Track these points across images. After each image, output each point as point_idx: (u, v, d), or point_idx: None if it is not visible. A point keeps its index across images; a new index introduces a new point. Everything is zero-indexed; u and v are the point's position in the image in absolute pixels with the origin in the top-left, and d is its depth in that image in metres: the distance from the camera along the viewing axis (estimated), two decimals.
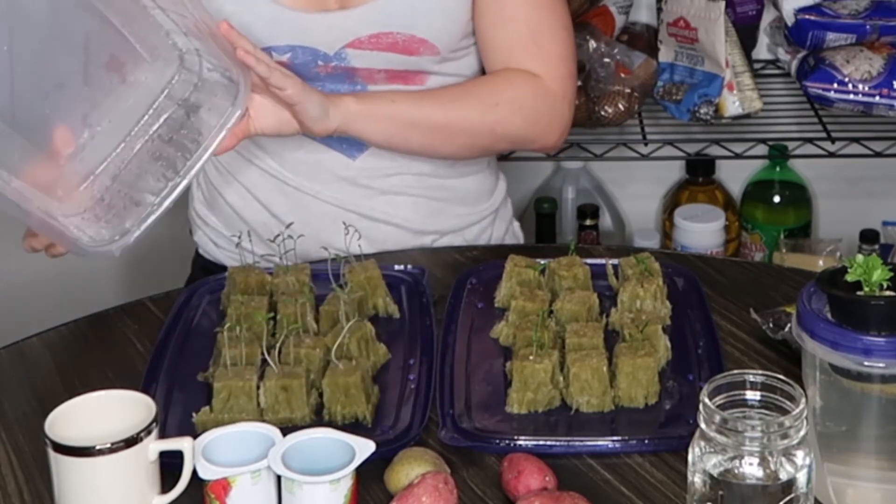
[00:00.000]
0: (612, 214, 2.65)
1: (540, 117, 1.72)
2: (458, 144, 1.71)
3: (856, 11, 2.29)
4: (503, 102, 1.69)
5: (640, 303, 1.51)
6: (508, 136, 1.72)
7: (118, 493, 1.22)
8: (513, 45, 1.70)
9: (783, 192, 2.58)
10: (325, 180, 1.74)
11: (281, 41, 1.65)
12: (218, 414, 1.35)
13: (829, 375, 1.19)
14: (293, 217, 1.72)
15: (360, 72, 1.68)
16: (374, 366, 1.44)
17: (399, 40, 1.66)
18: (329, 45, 1.66)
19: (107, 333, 1.57)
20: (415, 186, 1.77)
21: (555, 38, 1.72)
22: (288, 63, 1.65)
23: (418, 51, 1.68)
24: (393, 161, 1.74)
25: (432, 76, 1.72)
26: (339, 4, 1.66)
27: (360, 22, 1.65)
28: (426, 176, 1.77)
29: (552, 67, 1.71)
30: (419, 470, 1.24)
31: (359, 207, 1.75)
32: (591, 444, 1.33)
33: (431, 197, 1.78)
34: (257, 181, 1.77)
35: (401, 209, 1.77)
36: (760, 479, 1.10)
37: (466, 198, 1.82)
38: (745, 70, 2.29)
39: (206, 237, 1.87)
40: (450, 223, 1.81)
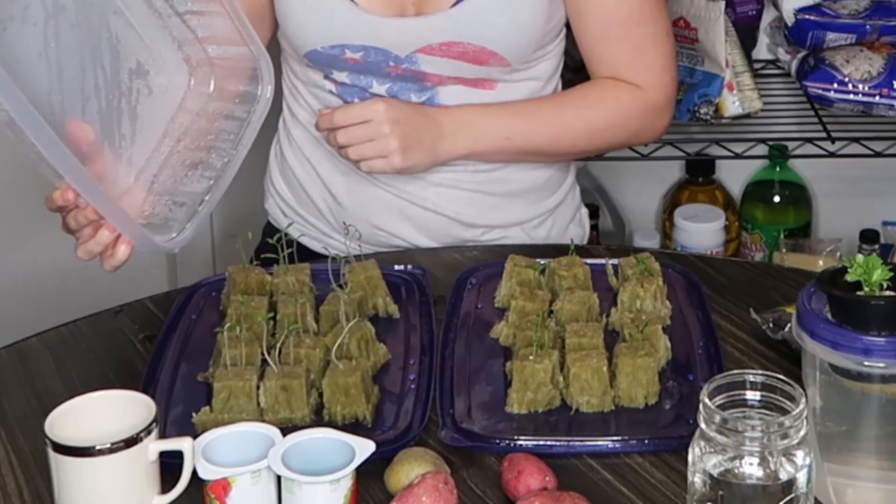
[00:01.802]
0: (612, 214, 2.65)
1: (642, 130, 1.81)
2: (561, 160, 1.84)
3: (856, 11, 2.29)
4: (611, 127, 1.77)
5: (640, 303, 1.51)
6: (611, 149, 1.90)
7: (118, 493, 1.22)
8: (618, 61, 1.76)
9: (783, 192, 2.58)
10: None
11: (355, 40, 1.69)
12: (218, 414, 1.35)
13: (829, 375, 1.19)
14: (349, 198, 1.79)
15: (429, 76, 1.70)
16: (374, 366, 1.44)
17: (469, 50, 1.68)
18: (400, 49, 1.69)
19: (107, 333, 1.57)
20: (468, 181, 1.78)
21: (658, 49, 1.76)
22: (360, 61, 1.69)
23: (488, 62, 1.70)
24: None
25: (502, 83, 1.74)
26: (415, 10, 1.68)
27: (432, 29, 1.68)
28: (483, 173, 1.79)
29: (656, 78, 1.77)
30: (419, 470, 1.24)
31: (411, 196, 1.77)
32: (591, 444, 1.33)
33: (486, 192, 1.79)
34: (322, 159, 1.81)
35: (452, 202, 1.78)
36: (760, 479, 1.10)
37: (528, 192, 1.83)
38: (745, 70, 2.29)
39: (276, 206, 1.91)
40: (506, 218, 1.82)
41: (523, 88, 1.76)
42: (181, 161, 1.51)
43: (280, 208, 1.90)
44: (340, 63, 1.71)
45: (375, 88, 1.72)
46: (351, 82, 1.73)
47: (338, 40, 1.69)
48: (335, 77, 1.74)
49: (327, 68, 1.74)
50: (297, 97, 1.83)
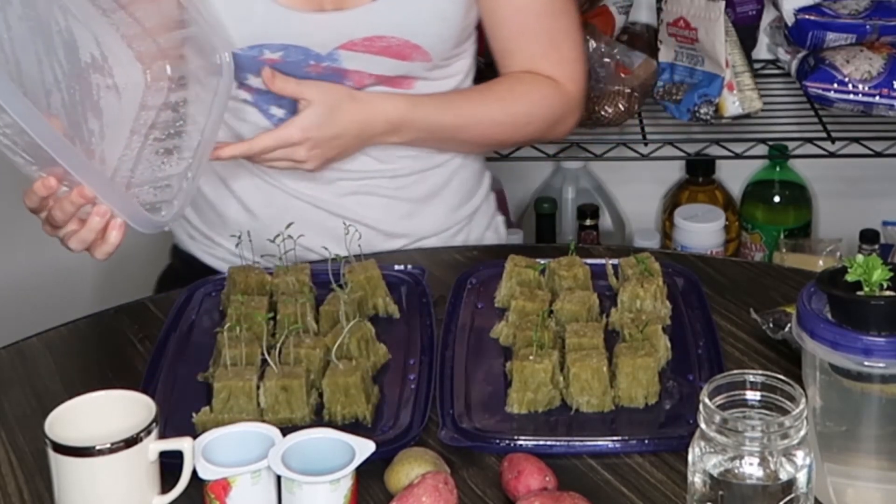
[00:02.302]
0: (612, 214, 2.65)
1: (558, 125, 1.79)
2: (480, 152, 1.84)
3: (856, 11, 2.29)
4: (535, 121, 1.77)
5: (640, 303, 1.51)
6: (531, 141, 1.88)
7: (118, 493, 1.22)
8: (535, 54, 1.75)
9: (783, 192, 2.58)
10: (298, 176, 1.73)
11: (274, 39, 1.64)
12: (218, 414, 1.35)
13: (829, 375, 1.19)
14: (265, 212, 1.75)
15: (350, 74, 1.67)
16: (374, 366, 1.44)
17: (393, 45, 1.66)
18: (322, 46, 1.65)
19: (107, 333, 1.57)
20: (385, 188, 1.76)
21: (572, 42, 1.77)
22: (279, 61, 1.65)
23: (410, 56, 1.68)
24: (368, 164, 1.74)
25: (420, 81, 1.72)
26: (334, 5, 1.66)
27: (354, 24, 1.65)
28: (400, 178, 1.77)
29: (571, 70, 1.77)
30: (419, 470, 1.24)
31: (329, 206, 1.74)
32: (591, 444, 1.33)
33: (403, 198, 1.77)
34: (237, 174, 1.76)
35: (370, 210, 1.76)
36: (760, 479, 1.10)
37: (444, 198, 1.81)
38: (745, 70, 2.29)
39: (181, 228, 1.85)
40: (424, 227, 1.79)
41: (440, 86, 1.74)
42: (154, 151, 1.50)
43: (186, 231, 1.85)
44: (257, 66, 1.65)
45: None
46: (266, 88, 1.66)
47: (256, 40, 1.63)
48: (250, 83, 1.68)
49: (243, 73, 1.66)
50: None
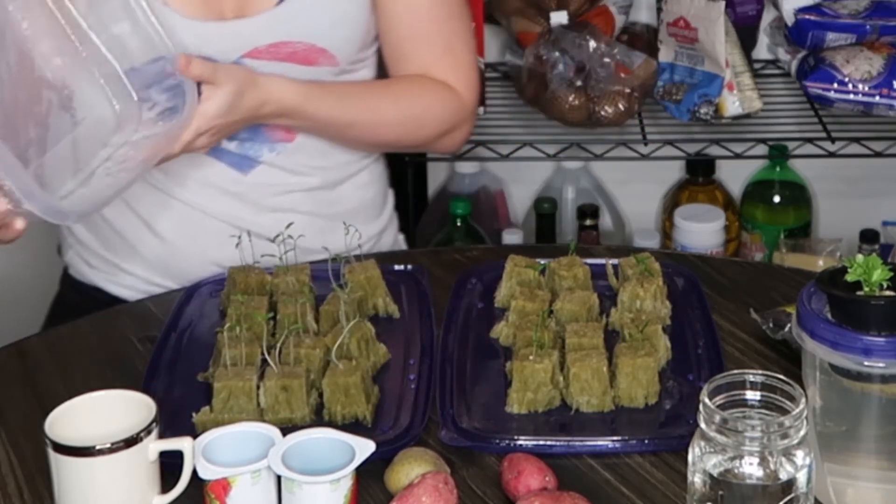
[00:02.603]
0: (612, 214, 2.65)
1: (453, 130, 1.76)
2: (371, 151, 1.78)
3: (856, 11, 2.29)
4: (428, 125, 1.73)
5: (640, 303, 1.50)
6: (422, 147, 1.80)
7: (118, 493, 1.22)
8: (429, 57, 1.72)
9: (783, 192, 2.58)
10: (213, 195, 1.69)
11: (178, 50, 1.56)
12: (218, 414, 1.35)
13: (829, 375, 1.19)
14: (177, 234, 1.69)
15: None
16: (374, 366, 1.44)
17: (299, 50, 1.63)
18: (226, 55, 1.61)
19: (107, 333, 1.57)
20: (305, 203, 1.73)
21: (466, 47, 1.74)
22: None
23: (317, 61, 1.65)
24: (286, 177, 1.71)
25: None
26: (235, 13, 1.62)
27: (259, 31, 1.62)
28: (317, 190, 1.74)
29: (465, 77, 1.74)
30: (419, 470, 1.24)
31: (247, 224, 1.68)
32: (591, 444, 1.33)
33: (319, 214, 1.74)
34: (140, 194, 1.69)
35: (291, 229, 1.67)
36: (760, 479, 1.10)
37: (358, 213, 1.77)
38: (745, 70, 2.29)
39: (79, 256, 1.78)
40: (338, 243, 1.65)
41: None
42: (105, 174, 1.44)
43: (83, 259, 1.78)
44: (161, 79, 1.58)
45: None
46: (171, 103, 1.59)
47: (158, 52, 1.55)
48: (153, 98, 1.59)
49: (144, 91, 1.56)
50: None
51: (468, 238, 2.44)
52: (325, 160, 1.74)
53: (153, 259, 1.72)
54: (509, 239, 2.52)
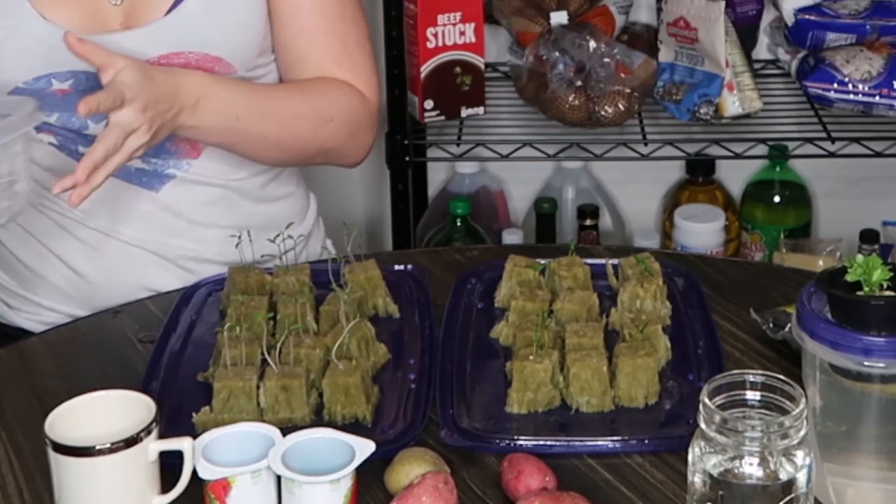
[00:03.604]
0: (612, 214, 2.65)
1: (359, 131, 1.70)
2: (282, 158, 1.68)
3: (856, 11, 2.29)
4: (336, 119, 1.66)
5: (640, 303, 1.50)
6: (331, 151, 1.69)
7: (118, 493, 1.22)
8: (326, 59, 1.67)
9: (783, 192, 2.58)
10: (126, 218, 1.63)
11: (60, 67, 1.53)
12: (218, 414, 1.35)
13: (829, 375, 1.19)
14: (92, 265, 1.63)
15: None
16: (374, 366, 1.44)
17: (192, 60, 1.58)
18: None
19: (107, 333, 1.57)
20: (224, 216, 1.68)
21: (364, 49, 1.70)
22: (70, 91, 1.55)
23: (213, 70, 1.59)
24: (199, 190, 1.65)
25: None
26: (122, 24, 1.57)
27: (148, 42, 1.56)
28: (235, 205, 1.68)
29: (366, 79, 1.69)
30: (419, 470, 1.24)
31: (166, 248, 1.64)
32: (591, 444, 1.33)
33: (242, 226, 1.64)
34: (50, 230, 1.63)
35: (212, 244, 1.67)
36: (760, 479, 1.10)
37: (279, 223, 1.66)
38: (745, 70, 2.29)
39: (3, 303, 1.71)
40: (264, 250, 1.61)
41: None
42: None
43: (3, 301, 1.70)
44: (48, 99, 1.53)
45: (92, 129, 1.56)
46: (62, 124, 1.57)
47: (42, 69, 1.52)
48: (48, 121, 1.56)
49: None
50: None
51: (468, 238, 2.44)
52: (236, 172, 1.68)
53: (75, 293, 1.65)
54: (509, 239, 2.52)
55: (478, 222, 2.49)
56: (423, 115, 2.31)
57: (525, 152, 2.29)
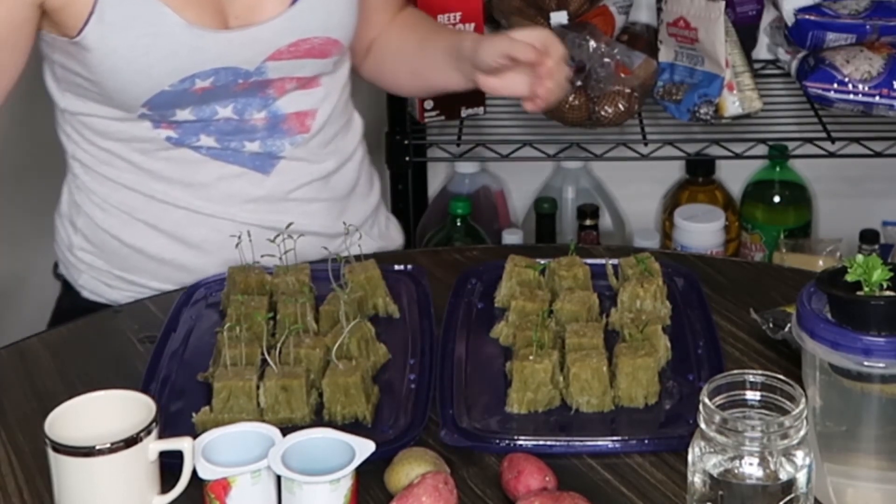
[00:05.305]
0: (612, 214, 2.65)
1: None
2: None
3: (856, 11, 2.28)
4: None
5: (640, 303, 1.51)
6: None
7: (118, 493, 1.22)
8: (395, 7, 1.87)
9: (783, 192, 2.58)
10: (240, 202, 1.71)
11: (205, 66, 1.60)
12: (218, 414, 1.35)
13: (829, 375, 1.19)
14: (208, 243, 1.70)
15: (273, 83, 1.67)
16: (374, 366, 1.44)
17: (316, 45, 1.67)
18: (251, 62, 1.63)
19: (107, 333, 1.57)
20: (323, 189, 1.76)
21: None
22: (210, 87, 1.62)
23: (330, 52, 1.69)
24: (303, 168, 1.73)
25: (326, 76, 1.73)
26: (241, 21, 1.63)
27: (280, 32, 1.64)
28: (329, 175, 1.77)
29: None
30: (419, 470, 1.24)
31: (277, 223, 1.67)
32: (591, 444, 1.33)
33: (336, 198, 1.78)
34: (162, 215, 1.70)
35: (315, 217, 1.75)
36: (760, 479, 1.10)
37: (360, 192, 1.83)
38: (745, 70, 2.29)
39: (96, 280, 1.76)
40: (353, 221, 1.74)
41: (340, 77, 1.77)
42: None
43: (102, 280, 1.76)
44: (188, 98, 1.62)
45: (221, 113, 1.66)
46: (195, 117, 1.65)
47: (188, 71, 1.59)
48: (175, 118, 1.64)
49: (169, 110, 1.63)
50: (112, 163, 1.69)
51: (468, 238, 2.44)
52: (335, 144, 1.77)
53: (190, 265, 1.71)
54: (509, 239, 2.52)
55: (478, 222, 2.49)
56: (423, 115, 2.30)
57: (525, 152, 2.29)
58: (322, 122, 1.74)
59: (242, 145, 1.69)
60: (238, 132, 1.68)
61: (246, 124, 1.68)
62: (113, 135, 1.67)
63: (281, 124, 1.70)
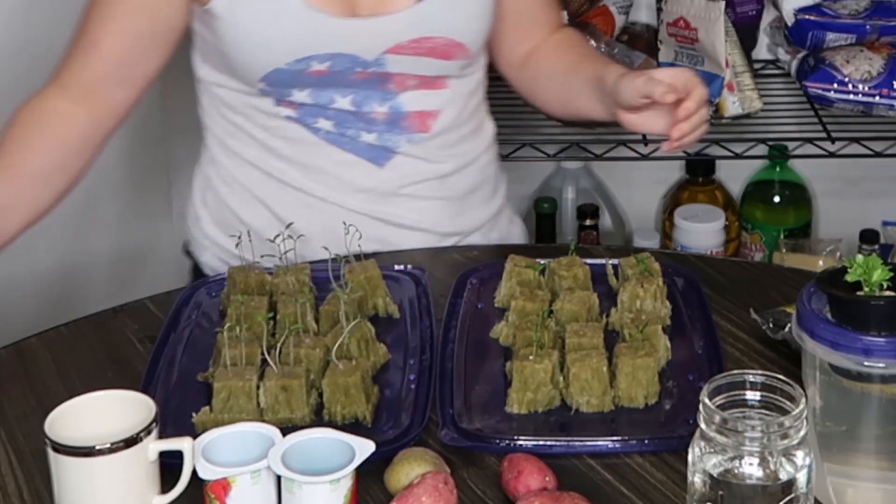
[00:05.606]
0: (612, 214, 2.65)
1: None
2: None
3: (856, 11, 2.29)
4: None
5: (640, 303, 1.51)
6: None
7: (118, 493, 1.22)
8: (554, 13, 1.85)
9: (783, 192, 2.58)
10: (350, 190, 1.73)
11: (322, 49, 1.64)
12: (218, 414, 1.35)
13: (829, 375, 1.19)
14: (316, 229, 1.72)
15: (393, 77, 1.68)
16: (374, 366, 1.44)
17: (438, 45, 1.67)
18: (370, 51, 1.65)
19: (107, 333, 1.57)
20: (438, 188, 1.77)
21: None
22: (326, 72, 1.65)
23: (453, 55, 1.69)
24: (418, 166, 1.75)
25: (453, 79, 1.73)
26: (369, 10, 1.65)
27: (403, 26, 1.65)
28: (447, 176, 1.77)
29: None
30: (419, 470, 1.24)
31: (386, 215, 1.74)
32: (591, 444, 1.33)
33: (452, 198, 1.78)
34: (277, 195, 1.75)
35: (426, 214, 1.77)
36: (760, 480, 1.10)
37: (481, 194, 1.83)
38: (745, 70, 2.29)
39: (218, 258, 1.81)
40: (469, 222, 1.80)
41: (469, 82, 1.77)
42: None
43: (221, 259, 1.80)
44: (303, 79, 1.65)
45: (339, 102, 1.68)
46: (312, 101, 1.68)
47: (304, 52, 1.62)
48: (293, 98, 1.68)
49: (286, 89, 1.67)
50: (237, 135, 1.74)
51: None
52: (459, 147, 1.78)
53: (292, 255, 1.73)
54: None
55: None
56: None
57: (525, 152, 2.29)
58: (445, 124, 1.75)
59: (359, 134, 1.71)
60: (357, 121, 1.70)
61: (365, 116, 1.70)
62: (239, 108, 1.72)
63: (401, 121, 1.72)
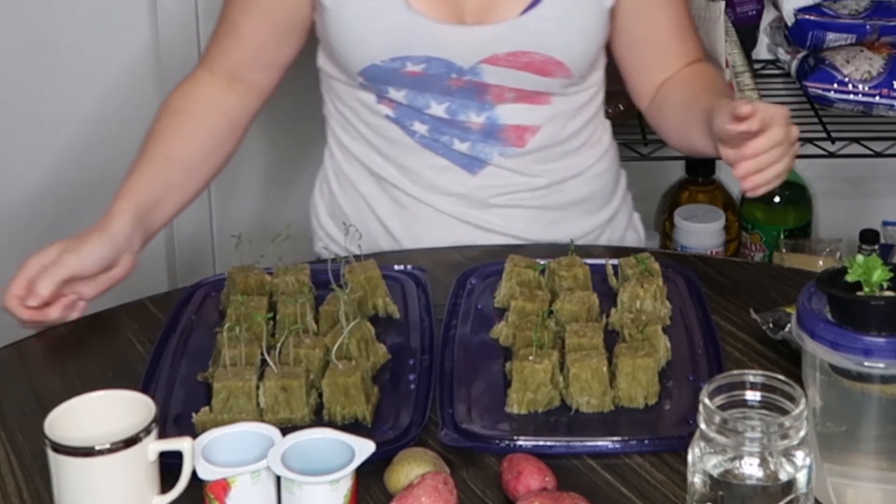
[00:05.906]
0: None
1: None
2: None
3: (856, 11, 2.29)
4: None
5: (640, 303, 1.50)
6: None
7: (118, 493, 1.22)
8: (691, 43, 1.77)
9: (783, 192, 2.58)
10: (443, 193, 1.75)
11: (417, 51, 1.65)
12: (218, 414, 1.35)
13: (829, 375, 1.19)
14: (407, 229, 1.75)
15: (491, 88, 1.68)
16: (374, 366, 1.44)
17: (536, 60, 1.66)
18: (465, 59, 1.66)
19: (107, 333, 1.57)
20: (531, 199, 1.77)
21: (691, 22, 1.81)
22: (421, 74, 1.66)
23: (552, 73, 1.68)
24: (511, 178, 1.75)
25: (557, 97, 1.72)
26: (476, 19, 1.65)
27: (500, 38, 1.65)
28: (542, 189, 1.77)
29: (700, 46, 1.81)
30: (419, 470, 1.24)
31: (475, 219, 1.76)
32: (591, 444, 1.33)
33: (545, 207, 1.78)
34: (376, 195, 1.78)
35: (516, 222, 1.77)
36: (760, 480, 1.10)
37: (584, 202, 1.81)
38: (745, 70, 2.29)
39: (326, 250, 1.84)
40: (566, 233, 1.75)
41: (576, 101, 1.75)
42: None
43: (334, 252, 1.78)
44: (399, 78, 1.67)
45: (433, 108, 1.70)
46: (408, 102, 1.70)
47: (399, 52, 1.65)
48: (391, 96, 1.70)
49: (383, 86, 1.69)
50: (346, 128, 1.79)
51: None
52: (558, 163, 1.77)
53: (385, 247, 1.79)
54: None
55: None
56: None
57: None
58: (543, 141, 1.74)
59: (452, 142, 1.72)
60: (452, 128, 1.71)
61: (461, 124, 1.71)
62: (346, 100, 1.75)
63: (497, 133, 1.72)
